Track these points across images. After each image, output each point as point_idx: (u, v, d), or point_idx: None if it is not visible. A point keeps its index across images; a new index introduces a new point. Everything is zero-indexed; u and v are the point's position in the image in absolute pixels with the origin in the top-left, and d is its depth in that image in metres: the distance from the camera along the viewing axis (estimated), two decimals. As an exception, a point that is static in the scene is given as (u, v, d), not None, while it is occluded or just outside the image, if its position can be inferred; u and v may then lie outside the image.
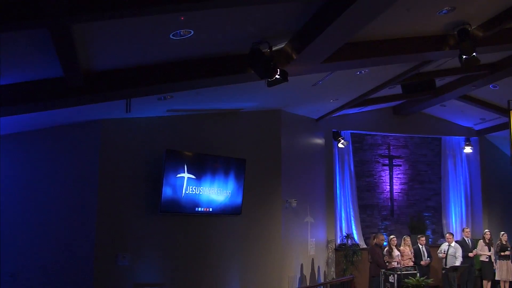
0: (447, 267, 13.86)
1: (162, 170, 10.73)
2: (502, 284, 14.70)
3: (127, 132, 10.92)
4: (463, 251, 14.13)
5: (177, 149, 11.09)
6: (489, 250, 14.55)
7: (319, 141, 15.61)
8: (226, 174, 11.89)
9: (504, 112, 13.76)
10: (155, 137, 11.21)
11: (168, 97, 9.62)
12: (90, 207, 10.55)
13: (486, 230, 15.31)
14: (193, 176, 11.25)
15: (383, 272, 12.51)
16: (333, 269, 15.67)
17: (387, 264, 12.93)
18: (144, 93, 8.72)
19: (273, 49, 7.82)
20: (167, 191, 10.80)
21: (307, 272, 14.30)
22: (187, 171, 11.13)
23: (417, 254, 13.91)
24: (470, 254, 14.02)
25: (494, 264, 14.64)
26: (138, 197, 10.90)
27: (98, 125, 10.69)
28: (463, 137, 18.14)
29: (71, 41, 6.05)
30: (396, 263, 13.21)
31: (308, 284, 14.19)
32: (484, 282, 14.79)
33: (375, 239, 13.18)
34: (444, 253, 13.94)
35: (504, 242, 14.51)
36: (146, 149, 11.06)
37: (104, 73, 7.94)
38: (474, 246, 14.49)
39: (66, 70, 7.07)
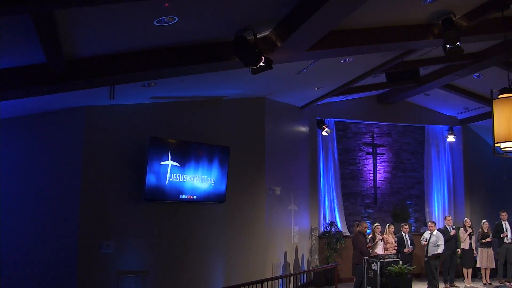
0: (429, 255, 13.96)
1: (146, 158, 10.69)
2: (483, 271, 14.87)
3: (111, 119, 10.85)
4: (445, 239, 14.24)
5: (161, 137, 11.04)
6: (470, 238, 14.66)
7: (303, 129, 15.63)
8: (210, 161, 11.87)
9: (487, 101, 13.83)
10: (139, 124, 11.14)
11: (152, 84, 9.57)
12: (73, 195, 10.49)
13: (467, 218, 15.42)
14: (177, 164, 11.21)
15: (366, 259, 12.57)
16: (316, 256, 15.76)
17: (370, 251, 12.99)
18: (128, 80, 8.66)
19: (258, 36, 7.81)
20: (151, 179, 10.76)
21: (290, 260, 14.36)
22: (171, 158, 11.09)
23: (400, 242, 13.98)
24: (452, 232, 14.11)
25: (475, 252, 14.76)
26: (122, 184, 10.85)
27: (81, 112, 10.60)
28: (446, 126, 18.28)
29: (53, 27, 6.00)
30: (379, 250, 13.29)
31: (291, 271, 14.25)
32: (464, 269, 14.92)
33: (359, 227, 13.23)
34: (426, 241, 14.04)
35: (485, 230, 14.64)
36: (130, 136, 10.99)
37: (87, 59, 7.86)
38: (456, 234, 14.60)
39: (49, 57, 7.00)
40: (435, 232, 14.19)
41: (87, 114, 10.62)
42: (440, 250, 13.82)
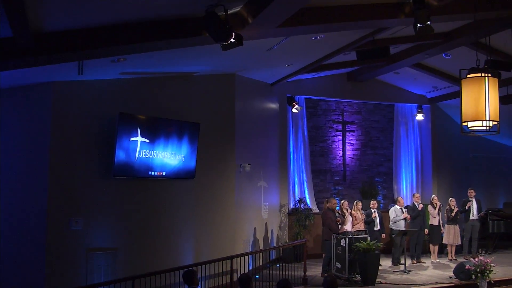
0: (395, 229, 14.15)
1: (115, 134, 10.58)
2: (449, 248, 15.14)
3: (80, 95, 10.68)
4: (412, 216, 14.46)
5: (130, 113, 10.93)
6: (438, 215, 14.89)
7: (273, 106, 15.63)
8: (180, 138, 11.80)
9: (456, 81, 13.92)
10: (108, 100, 11.01)
11: (122, 59, 9.45)
12: (41, 172, 10.35)
13: (434, 195, 15.64)
14: (146, 140, 11.13)
15: (335, 236, 12.68)
16: (286, 233, 15.87)
17: (339, 227, 13.11)
18: (96, 55, 8.53)
19: (229, 12, 7.73)
20: (120, 155, 10.66)
21: (260, 236, 14.44)
22: (140, 134, 11.00)
23: (370, 219, 14.11)
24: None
25: (442, 228, 14.99)
26: (90, 161, 10.73)
27: (49, 87, 10.41)
28: (416, 104, 18.44)
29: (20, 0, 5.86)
30: (348, 227, 13.42)
31: (261, 247, 14.34)
32: (431, 246, 15.17)
33: (328, 203, 13.33)
34: (404, 213, 14.21)
35: (452, 207, 14.86)
36: (99, 112, 10.85)
37: (55, 34, 7.71)
38: (424, 211, 14.80)
39: (15, 30, 6.85)
40: (403, 208, 14.41)
41: (55, 90, 10.43)
42: (400, 226, 14.08)
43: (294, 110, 16.04)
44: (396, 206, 14.55)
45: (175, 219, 12.01)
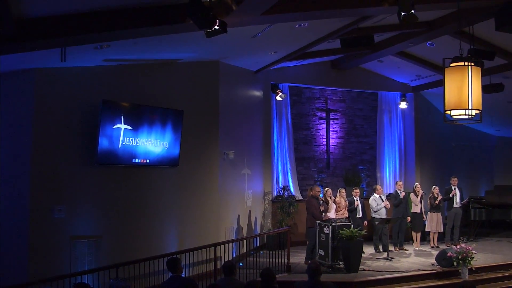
0: (377, 217, 14.24)
1: (98, 121, 10.51)
2: (431, 235, 15.25)
3: (62, 82, 10.59)
4: (395, 204, 14.57)
5: (113, 100, 10.86)
6: (421, 203, 14.99)
7: (257, 93, 15.62)
8: (164, 125, 11.76)
9: (439, 69, 14.03)
10: (91, 87, 10.92)
11: (105, 46, 9.38)
12: (24, 159, 10.28)
13: (417, 183, 15.74)
14: (130, 127, 11.08)
15: (319, 223, 12.74)
16: (269, 220, 15.91)
17: (323, 215, 13.16)
18: (79, 41, 8.47)
19: (213, -1, 7.70)
20: (103, 143, 10.60)
21: (243, 223, 14.47)
22: (123, 122, 10.93)
23: (353, 206, 14.16)
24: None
25: (424, 216, 15.10)
26: (74, 148, 10.66)
27: (31, 74, 10.30)
28: (399, 92, 18.51)
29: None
30: (331, 214, 13.48)
31: (244, 235, 14.37)
32: (414, 233, 15.29)
33: (312, 191, 13.37)
34: (384, 201, 14.30)
35: (436, 195, 14.96)
36: (82, 100, 10.76)
37: (37, 20, 7.64)
38: (407, 198, 14.89)
39: (-4, 17, 6.78)
40: (383, 196, 14.50)
41: (37, 77, 10.32)
42: (381, 214, 14.19)
43: (278, 98, 16.03)
44: (375, 194, 14.61)
45: (159, 207, 11.99)
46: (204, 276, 11.56)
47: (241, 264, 13.06)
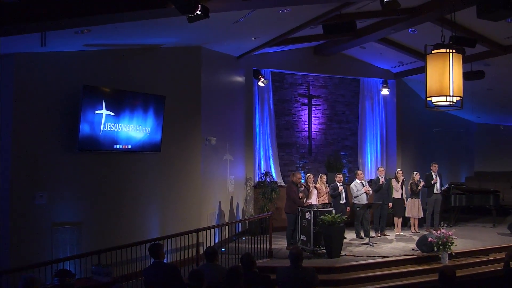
0: (358, 203, 14.32)
1: (80, 107, 10.42)
2: (412, 221, 15.38)
3: (43, 67, 10.47)
4: (375, 189, 14.67)
5: (95, 85, 10.76)
6: (402, 188, 15.10)
7: (240, 79, 15.59)
8: (145, 111, 11.70)
9: (421, 56, 14.09)
10: (72, 72, 10.81)
11: (86, 31, 9.28)
12: (4, 146, 10.15)
13: (398, 169, 15.84)
14: (111, 113, 11.00)
15: (300, 209, 12.79)
16: (251, 206, 15.94)
17: (302, 200, 13.19)
18: (59, 26, 8.36)
19: (195, -16, 7.64)
20: (84, 128, 10.52)
21: (226, 209, 14.49)
22: (105, 107, 10.85)
23: (336, 192, 14.22)
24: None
25: (405, 202, 15.22)
26: (54, 134, 10.56)
27: (11, 59, 10.14)
28: (381, 79, 18.54)
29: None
30: (313, 200, 13.53)
31: (226, 220, 14.39)
32: (395, 218, 15.41)
33: (293, 177, 13.40)
34: (366, 187, 14.37)
35: (417, 181, 15.07)
36: (63, 85, 10.65)
37: (16, 3, 7.53)
38: (387, 184, 14.99)
39: (-25, 0, 6.69)
40: (364, 181, 14.58)
41: (17, 62, 10.16)
42: (362, 200, 14.28)
43: (260, 84, 16.01)
44: (356, 180, 14.68)
45: (141, 193, 11.96)
46: (186, 261, 11.58)
47: (223, 249, 13.09)
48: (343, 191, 14.32)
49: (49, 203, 10.44)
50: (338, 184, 14.33)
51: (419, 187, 15.06)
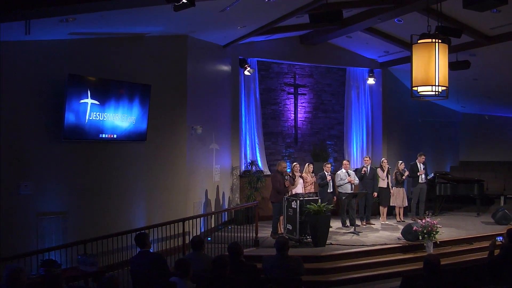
0: (343, 192, 14.35)
1: (65, 96, 10.35)
2: (397, 210, 15.47)
3: (27, 56, 10.37)
4: (359, 177, 14.72)
5: (80, 74, 10.69)
6: (387, 178, 15.17)
7: (226, 68, 15.55)
8: (131, 100, 11.64)
9: (407, 46, 14.09)
10: (57, 61, 10.72)
11: (71, 19, 9.20)
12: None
13: (383, 158, 15.89)
14: (96, 102, 10.94)
15: (286, 198, 12.82)
16: (237, 195, 15.96)
17: (287, 189, 13.19)
18: (44, 14, 8.29)
19: (181, -28, 7.60)
20: (70, 118, 10.46)
21: (212, 198, 14.49)
22: (90, 96, 10.79)
23: (325, 181, 14.22)
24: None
25: (391, 191, 15.28)
26: (39, 124, 10.48)
27: (-5, 47, 10.09)
28: (367, 68, 18.59)
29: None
30: (299, 189, 13.54)
31: (212, 209, 14.39)
32: (381, 207, 15.48)
33: (279, 167, 13.41)
34: (350, 177, 14.39)
35: (401, 171, 15.14)
36: (48, 74, 10.57)
37: (0, -9, 7.48)
38: (374, 173, 15.04)
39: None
40: (350, 171, 14.62)
41: (1, 50, 10.02)
42: (346, 189, 14.33)
43: (246, 73, 15.99)
44: (342, 169, 14.70)
45: (127, 182, 11.93)
46: (172, 251, 11.57)
47: (209, 238, 13.08)
48: (331, 180, 14.33)
49: (34, 193, 10.39)
50: (326, 173, 14.34)
51: (403, 177, 15.13)
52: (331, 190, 14.39)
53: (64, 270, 8.94)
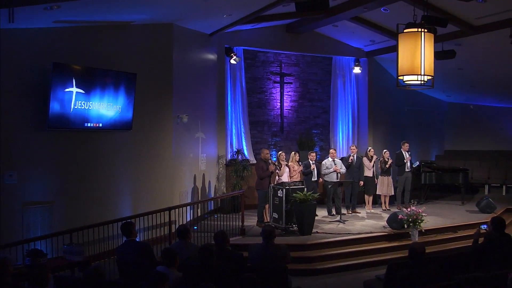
0: (329, 180, 14.39)
1: (49, 85, 10.25)
2: (382, 198, 15.55)
3: (11, 44, 10.22)
4: (346, 166, 14.76)
5: (65, 62, 10.59)
6: (373, 166, 15.23)
7: (212, 56, 15.51)
8: (116, 88, 11.57)
9: (393, 35, 14.10)
10: (42, 50, 10.61)
11: (55, 7, 9.10)
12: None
13: (369, 147, 15.94)
14: (82, 91, 10.86)
15: (272, 187, 12.84)
16: (223, 184, 15.97)
17: (270, 171, 13.17)
18: (28, 1, 8.21)
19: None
20: (54, 106, 10.37)
21: (198, 187, 14.50)
22: (75, 85, 10.71)
23: (309, 170, 14.25)
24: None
25: (376, 180, 15.35)
26: (24, 112, 10.37)
27: (-23, 35, 9.97)
28: (353, 57, 18.62)
29: None
30: (285, 178, 13.56)
31: (199, 198, 14.40)
32: (366, 196, 15.55)
33: (261, 154, 13.45)
34: (336, 166, 14.42)
35: (386, 159, 15.20)
36: (32, 62, 10.46)
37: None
38: (360, 162, 15.09)
39: None
40: (336, 159, 14.65)
41: (-16, 38, 9.99)
42: (332, 178, 14.38)
43: (232, 61, 15.97)
44: (328, 158, 14.73)
45: (113, 171, 11.89)
46: (158, 240, 11.55)
47: (195, 227, 13.09)
48: (315, 169, 14.36)
49: (19, 183, 10.31)
50: (311, 162, 14.36)
51: (387, 165, 15.19)
52: (316, 179, 14.41)
53: (50, 259, 8.92)
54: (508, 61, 15.17)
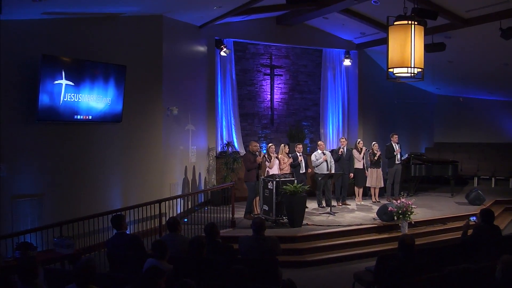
0: (319, 173, 14.41)
1: (38, 77, 10.19)
2: (372, 190, 15.60)
3: (-1, 35, 10.21)
4: (335, 159, 14.79)
5: (54, 54, 10.53)
6: (362, 158, 15.27)
7: (202, 48, 15.47)
8: (106, 80, 11.52)
9: (383, 27, 14.11)
10: (31, 42, 10.53)
11: (44, -2, 9.07)
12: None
13: (359, 140, 15.97)
14: (71, 83, 10.80)
15: (263, 179, 12.85)
16: (214, 176, 15.97)
17: (256, 164, 13.16)
18: (17, -7, 8.16)
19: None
20: (44, 99, 10.30)
21: (188, 179, 14.49)
22: (65, 77, 10.65)
23: (296, 162, 14.27)
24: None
25: (366, 172, 15.40)
26: (13, 105, 10.28)
27: (-35, 27, 9.88)
28: (343, 50, 18.61)
29: None
30: (275, 170, 13.57)
31: (189, 191, 14.39)
32: (356, 188, 15.60)
33: (249, 146, 13.45)
34: (326, 156, 14.43)
35: (375, 152, 15.24)
36: (21, 54, 10.36)
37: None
38: (350, 154, 15.12)
39: None
40: (325, 151, 14.67)
41: (-29, 30, 9.91)
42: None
43: (222, 53, 15.95)
44: (318, 150, 14.76)
45: (103, 163, 11.86)
46: (149, 232, 11.54)
47: (185, 220, 13.08)
48: (302, 161, 14.40)
49: (9, 176, 10.24)
50: (298, 154, 14.40)
51: (375, 157, 15.23)
52: (304, 171, 14.45)
53: (40, 252, 8.89)
54: (498, 54, 15.22)
